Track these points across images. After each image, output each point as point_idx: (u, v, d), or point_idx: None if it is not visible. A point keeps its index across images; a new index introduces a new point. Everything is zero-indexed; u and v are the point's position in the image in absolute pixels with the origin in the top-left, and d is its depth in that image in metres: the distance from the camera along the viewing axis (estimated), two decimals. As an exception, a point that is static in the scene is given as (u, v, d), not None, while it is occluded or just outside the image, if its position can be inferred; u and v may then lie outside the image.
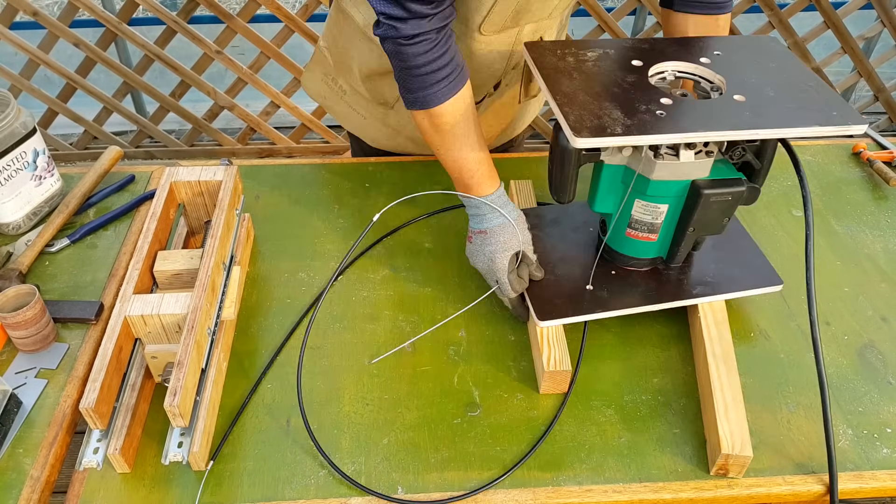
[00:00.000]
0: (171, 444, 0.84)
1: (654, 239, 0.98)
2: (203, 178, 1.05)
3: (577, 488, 0.85)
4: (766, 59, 0.95)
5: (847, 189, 1.29)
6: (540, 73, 0.91)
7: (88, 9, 2.37)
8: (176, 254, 0.97)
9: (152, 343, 0.90)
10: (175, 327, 0.87)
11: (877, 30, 2.64)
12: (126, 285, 0.89)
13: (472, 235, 1.00)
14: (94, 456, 0.83)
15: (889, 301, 1.08)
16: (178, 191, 1.06)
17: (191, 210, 1.08)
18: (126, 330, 0.87)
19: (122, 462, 0.84)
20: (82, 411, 0.79)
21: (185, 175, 1.05)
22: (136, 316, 0.86)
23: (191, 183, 1.05)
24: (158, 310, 0.86)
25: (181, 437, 0.85)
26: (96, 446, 0.84)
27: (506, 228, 0.96)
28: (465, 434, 0.90)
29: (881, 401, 0.94)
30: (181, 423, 0.81)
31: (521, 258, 0.98)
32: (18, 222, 1.16)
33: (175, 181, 1.04)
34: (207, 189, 1.05)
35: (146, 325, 0.87)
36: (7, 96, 1.13)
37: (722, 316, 0.98)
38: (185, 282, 0.96)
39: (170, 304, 0.87)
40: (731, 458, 0.84)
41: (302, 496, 0.84)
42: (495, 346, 1.01)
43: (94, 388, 0.80)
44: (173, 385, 0.80)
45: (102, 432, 0.85)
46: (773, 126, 0.83)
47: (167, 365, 0.89)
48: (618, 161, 0.93)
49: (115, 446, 0.83)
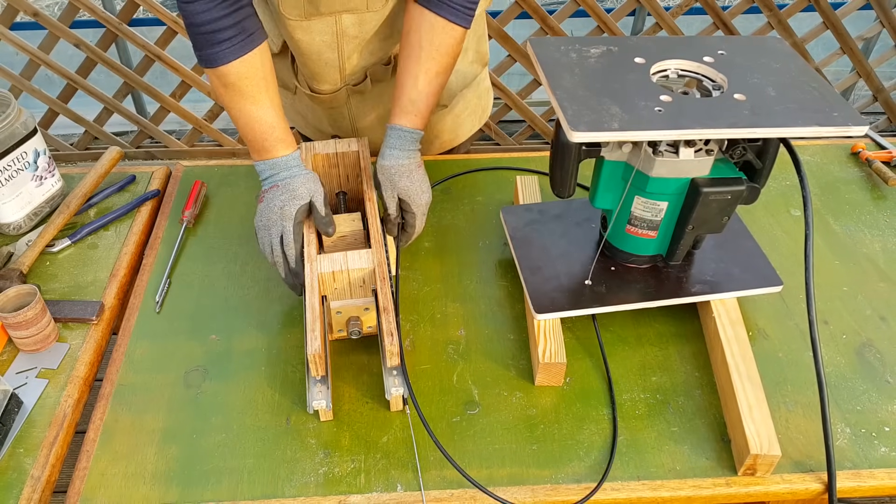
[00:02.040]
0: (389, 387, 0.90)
1: (654, 236, 0.98)
2: (339, 149, 1.11)
3: (575, 486, 0.85)
4: (769, 59, 0.95)
5: (846, 189, 1.30)
6: (542, 67, 0.91)
7: (89, 9, 2.38)
8: (338, 218, 1.03)
9: (337, 299, 0.96)
10: (360, 282, 0.95)
11: (876, 30, 2.64)
12: (308, 248, 0.97)
13: (263, 195, 1.01)
14: (320, 399, 0.89)
15: (888, 300, 1.08)
16: (316, 164, 1.11)
17: (325, 181, 1.13)
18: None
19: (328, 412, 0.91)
20: (309, 357, 0.86)
21: (321, 148, 1.11)
22: (327, 273, 0.93)
23: (328, 155, 1.11)
24: (346, 266, 0.93)
25: (393, 379, 0.90)
26: (320, 389, 0.90)
27: (296, 179, 0.99)
28: (465, 432, 0.91)
29: (879, 400, 0.95)
30: (397, 363, 0.89)
31: (311, 210, 1.00)
32: (19, 222, 1.16)
33: (315, 153, 1.10)
34: (342, 160, 1.12)
35: (335, 281, 0.94)
36: (8, 97, 1.13)
37: (736, 315, 0.98)
38: (348, 243, 1.03)
39: (355, 261, 0.94)
40: (759, 458, 0.84)
41: (302, 493, 0.84)
42: (494, 345, 1.01)
43: (314, 336, 0.87)
44: (388, 328, 0.88)
45: (322, 378, 0.90)
46: (772, 125, 0.83)
47: (350, 319, 0.97)
48: (618, 157, 0.93)
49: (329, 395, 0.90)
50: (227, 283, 1.10)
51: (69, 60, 2.55)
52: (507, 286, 1.09)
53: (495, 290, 1.09)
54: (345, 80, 1.16)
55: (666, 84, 0.93)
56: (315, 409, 0.89)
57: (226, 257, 1.15)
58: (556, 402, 0.94)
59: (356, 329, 0.96)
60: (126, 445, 0.89)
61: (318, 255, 0.95)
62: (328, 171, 1.13)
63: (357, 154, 1.11)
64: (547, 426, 0.91)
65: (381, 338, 0.92)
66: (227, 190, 1.28)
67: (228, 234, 1.19)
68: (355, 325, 0.96)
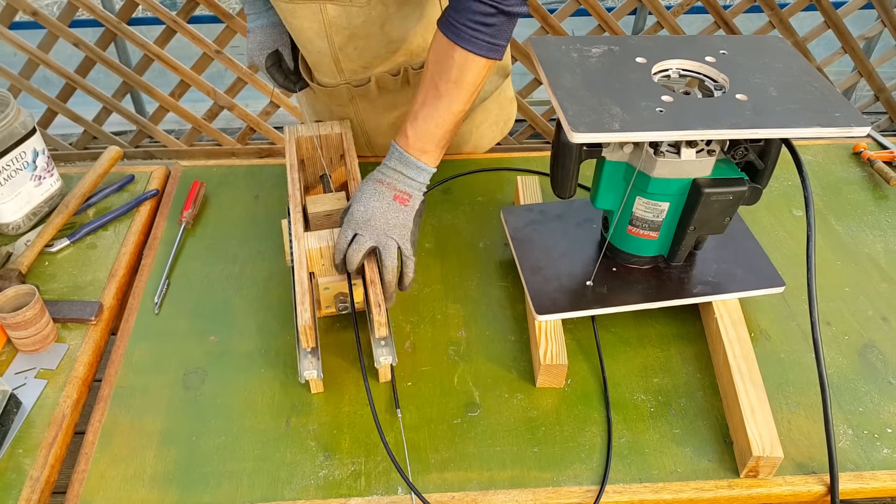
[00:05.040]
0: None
1: (656, 237, 0.98)
2: (322, 132, 1.13)
3: (577, 488, 0.85)
4: (772, 59, 0.95)
5: (847, 189, 1.29)
6: (542, 67, 0.91)
7: (88, 8, 2.37)
8: (323, 197, 1.06)
9: (324, 276, 0.98)
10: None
11: (877, 29, 2.63)
12: (295, 226, 0.98)
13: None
14: (312, 369, 0.90)
15: (890, 301, 1.08)
16: (300, 147, 1.13)
17: (308, 164, 1.16)
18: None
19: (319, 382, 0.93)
20: (299, 329, 0.88)
21: (304, 131, 1.13)
22: (314, 249, 0.95)
23: (312, 138, 1.13)
24: (333, 242, 0.95)
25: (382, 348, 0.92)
26: (310, 360, 0.91)
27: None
28: (465, 434, 0.90)
29: (882, 401, 0.94)
30: (385, 333, 0.91)
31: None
32: (18, 222, 1.16)
33: (299, 136, 1.12)
34: (326, 143, 1.14)
35: (322, 258, 0.96)
36: (7, 96, 1.12)
37: (738, 316, 0.98)
38: (334, 221, 1.04)
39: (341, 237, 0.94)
40: (762, 460, 0.84)
41: (301, 496, 0.84)
42: (495, 346, 1.00)
43: (304, 308, 0.88)
44: (375, 299, 0.90)
45: (312, 350, 0.92)
46: (773, 126, 0.83)
47: (338, 295, 0.99)
48: (619, 157, 0.92)
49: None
50: (226, 284, 1.10)
51: (68, 60, 2.55)
52: (507, 287, 1.09)
53: (496, 290, 1.09)
54: (344, 76, 1.16)
55: (667, 84, 0.93)
56: (306, 380, 0.91)
57: (225, 258, 1.14)
58: (557, 404, 0.94)
59: (345, 305, 0.99)
60: (125, 447, 0.88)
61: (305, 232, 0.96)
62: (312, 154, 1.14)
63: (340, 136, 1.13)
64: (548, 428, 0.91)
65: (369, 310, 0.94)
66: (226, 190, 1.27)
67: (227, 235, 1.18)
68: (344, 300, 0.99)
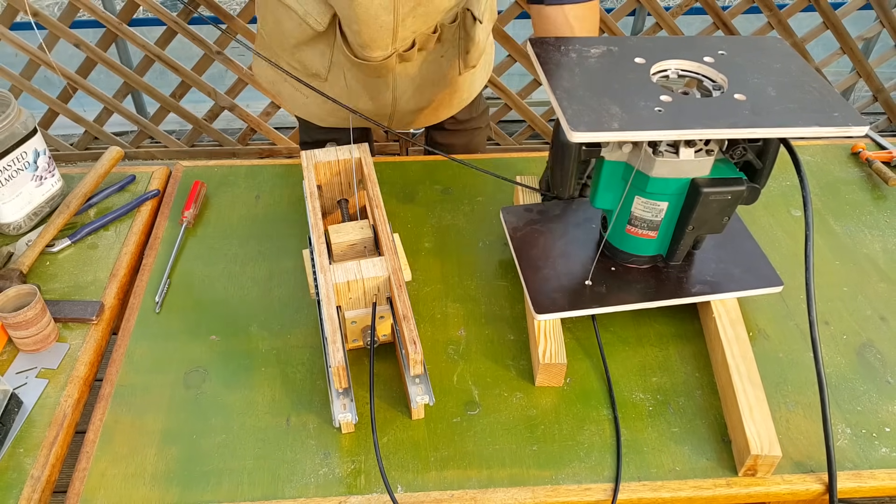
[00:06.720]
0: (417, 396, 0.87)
1: (654, 236, 0.98)
2: (340, 157, 1.09)
3: (575, 487, 0.85)
4: (770, 59, 0.95)
5: (846, 189, 1.30)
6: (542, 67, 0.91)
7: (89, 9, 2.37)
8: (346, 226, 1.01)
9: (351, 309, 0.94)
10: (374, 290, 0.92)
11: (876, 30, 2.63)
12: (320, 258, 0.93)
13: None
14: (346, 412, 0.86)
15: (888, 301, 1.08)
16: (318, 172, 1.09)
17: (326, 190, 1.12)
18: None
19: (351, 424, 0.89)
20: (332, 370, 0.84)
21: (322, 156, 1.09)
22: (342, 283, 0.90)
23: (330, 163, 1.08)
24: (360, 275, 0.91)
25: (418, 387, 0.88)
26: (343, 402, 0.87)
27: None
28: (465, 433, 0.90)
29: (880, 400, 0.95)
30: (420, 371, 0.87)
31: None
32: (19, 222, 1.16)
33: (317, 162, 1.08)
34: (345, 168, 1.09)
35: (350, 291, 0.91)
36: (7, 97, 1.13)
37: (736, 315, 0.98)
38: (358, 251, 1.00)
39: (369, 269, 0.92)
40: (760, 459, 0.84)
41: (302, 494, 0.84)
42: (495, 346, 1.01)
43: (336, 347, 0.85)
44: (409, 336, 0.86)
45: (345, 391, 0.88)
46: (772, 125, 0.83)
47: (364, 328, 0.95)
48: (618, 157, 0.93)
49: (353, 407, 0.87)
50: (227, 284, 1.10)
51: (69, 60, 2.55)
52: (507, 286, 1.09)
53: (495, 290, 1.09)
54: (395, 46, 1.16)
55: (666, 84, 0.93)
56: (339, 423, 0.87)
57: (226, 258, 1.15)
58: (556, 403, 0.94)
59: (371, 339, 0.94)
60: (126, 446, 0.89)
61: (331, 264, 0.93)
62: (330, 179, 1.10)
63: (360, 161, 1.09)
64: (547, 427, 0.91)
65: (402, 346, 0.90)
66: (227, 190, 1.28)
67: (228, 235, 1.19)
68: (368, 334, 0.95)
